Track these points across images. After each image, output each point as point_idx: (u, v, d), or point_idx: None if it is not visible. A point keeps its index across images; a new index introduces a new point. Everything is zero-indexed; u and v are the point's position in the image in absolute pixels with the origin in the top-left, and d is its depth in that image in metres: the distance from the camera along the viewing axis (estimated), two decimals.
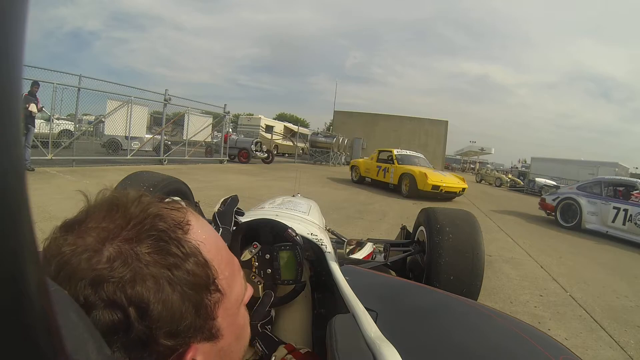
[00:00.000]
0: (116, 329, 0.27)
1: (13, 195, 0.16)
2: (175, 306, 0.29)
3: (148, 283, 0.28)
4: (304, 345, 0.81)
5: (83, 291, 0.27)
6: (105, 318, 0.27)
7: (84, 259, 0.28)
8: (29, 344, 0.16)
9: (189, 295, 0.30)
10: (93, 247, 0.29)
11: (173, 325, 0.29)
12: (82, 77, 7.33)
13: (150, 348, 0.29)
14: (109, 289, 0.27)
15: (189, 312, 0.30)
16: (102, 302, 0.27)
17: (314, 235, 1.13)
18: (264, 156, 13.79)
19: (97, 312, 0.27)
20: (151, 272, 0.29)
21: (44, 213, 3.21)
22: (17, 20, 0.16)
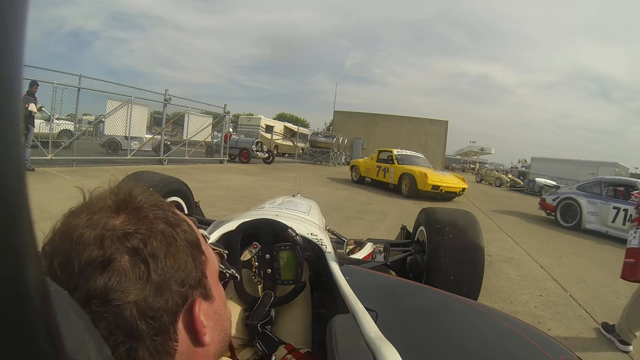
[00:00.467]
0: (137, 276, 0.32)
1: (13, 195, 0.16)
2: (180, 258, 0.35)
3: (159, 237, 0.34)
4: (304, 345, 0.81)
5: (108, 246, 0.31)
6: (127, 265, 0.31)
7: (106, 223, 0.33)
8: (29, 344, 0.16)
9: (188, 249, 0.36)
10: (108, 214, 0.34)
11: (181, 274, 0.35)
12: (82, 77, 7.32)
13: (166, 296, 0.33)
14: (130, 242, 0.32)
15: (190, 264, 0.36)
16: (125, 253, 0.32)
17: (314, 235, 1.13)
18: (265, 156, 13.67)
19: (120, 262, 0.31)
20: (161, 229, 0.35)
21: (44, 213, 3.21)
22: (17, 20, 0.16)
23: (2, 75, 0.15)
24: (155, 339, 0.32)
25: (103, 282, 0.30)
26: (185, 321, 0.35)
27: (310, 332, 0.92)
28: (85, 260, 0.30)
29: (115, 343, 0.30)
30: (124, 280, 0.31)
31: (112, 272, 0.31)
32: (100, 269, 0.30)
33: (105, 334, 0.29)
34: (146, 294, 0.32)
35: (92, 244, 0.31)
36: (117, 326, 0.30)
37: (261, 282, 0.95)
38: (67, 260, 0.31)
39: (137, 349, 0.31)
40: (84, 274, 0.30)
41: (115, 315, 0.30)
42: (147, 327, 0.31)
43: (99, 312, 0.30)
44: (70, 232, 0.32)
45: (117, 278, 0.31)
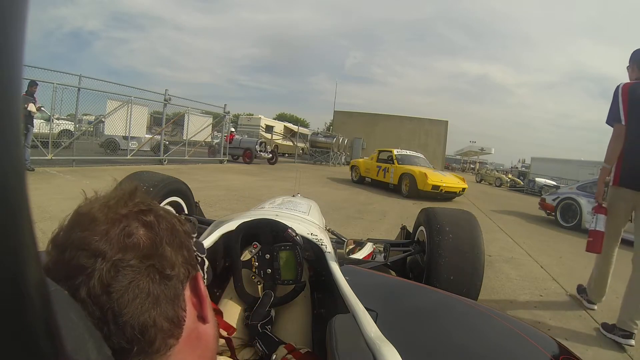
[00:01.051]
0: (154, 244, 0.37)
1: (13, 195, 0.16)
2: (184, 238, 0.41)
3: (165, 223, 0.40)
4: (304, 345, 0.81)
5: (129, 218, 0.37)
6: (146, 235, 0.37)
7: (116, 204, 0.38)
8: (29, 343, 0.16)
9: (183, 236, 0.42)
10: (119, 202, 0.39)
11: (184, 252, 0.40)
12: (82, 77, 7.32)
13: (176, 266, 0.38)
14: (149, 217, 0.38)
15: (188, 245, 0.42)
16: (143, 227, 0.37)
17: (314, 235, 1.13)
18: (269, 157, 13.55)
19: (138, 233, 0.36)
20: (167, 218, 0.40)
21: (44, 213, 3.21)
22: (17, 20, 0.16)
23: (2, 75, 0.15)
24: (168, 305, 0.36)
25: (131, 243, 0.35)
26: (191, 289, 0.40)
27: (310, 332, 0.92)
28: (116, 232, 0.35)
29: (142, 306, 0.34)
30: (145, 240, 0.36)
31: (135, 239, 0.36)
32: (125, 238, 0.35)
33: (132, 295, 0.33)
34: (162, 256, 0.37)
35: (109, 222, 0.35)
36: (140, 289, 0.34)
37: (261, 282, 0.95)
38: (84, 241, 0.34)
39: (155, 317, 0.34)
40: (113, 245, 0.34)
41: (140, 275, 0.34)
42: (163, 287, 0.36)
43: (130, 268, 0.34)
44: (82, 218, 0.36)
45: (143, 238, 0.36)
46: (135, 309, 0.33)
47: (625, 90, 2.24)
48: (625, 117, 2.20)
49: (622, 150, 2.23)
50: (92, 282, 0.32)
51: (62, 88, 6.94)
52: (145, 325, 0.33)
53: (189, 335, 0.38)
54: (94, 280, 0.32)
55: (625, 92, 2.23)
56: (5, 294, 0.16)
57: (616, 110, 2.24)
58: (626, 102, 2.21)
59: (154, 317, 0.34)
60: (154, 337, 0.34)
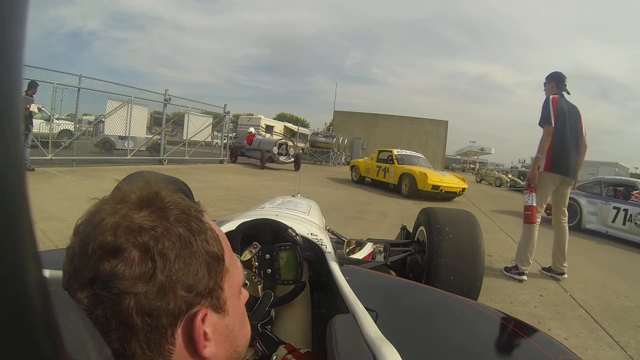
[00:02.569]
0: (142, 272, 0.32)
1: (13, 195, 0.16)
2: (193, 264, 0.35)
3: (174, 239, 0.35)
4: (304, 345, 0.81)
5: (121, 235, 0.33)
6: (134, 260, 0.32)
7: (126, 214, 0.34)
8: (29, 343, 0.16)
9: (204, 258, 0.36)
10: (132, 209, 0.35)
11: (189, 280, 0.35)
12: (82, 77, 7.33)
13: (169, 298, 0.33)
14: (143, 237, 0.33)
15: (203, 273, 0.36)
16: (135, 247, 0.33)
17: (314, 235, 1.13)
18: (290, 161, 11.17)
19: (128, 254, 0.32)
20: (178, 232, 0.35)
21: (44, 213, 3.21)
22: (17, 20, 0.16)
23: (2, 75, 0.15)
24: (149, 337, 0.32)
25: (109, 268, 0.32)
26: (185, 328, 0.35)
27: (310, 332, 0.92)
28: (99, 244, 0.32)
29: (109, 329, 0.31)
30: (128, 271, 0.32)
31: (119, 261, 0.32)
32: (109, 255, 0.32)
33: (101, 317, 0.31)
34: (148, 290, 0.32)
35: (108, 230, 0.33)
36: (114, 313, 0.31)
37: (261, 282, 0.95)
38: (85, 240, 0.33)
39: (130, 340, 0.32)
40: (94, 256, 0.32)
41: (113, 303, 0.31)
42: (142, 323, 0.32)
43: (100, 295, 0.31)
44: (95, 215, 0.35)
45: (122, 267, 0.32)
46: (106, 333, 0.32)
47: (554, 101, 3.04)
48: (554, 120, 3.00)
49: (551, 145, 3.02)
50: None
51: (62, 88, 6.95)
52: (120, 353, 0.32)
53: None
54: None
55: (554, 102, 3.03)
56: (5, 294, 0.16)
57: (548, 115, 3.01)
58: (555, 109, 3.01)
59: (130, 344, 0.33)
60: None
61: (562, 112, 3.03)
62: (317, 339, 0.89)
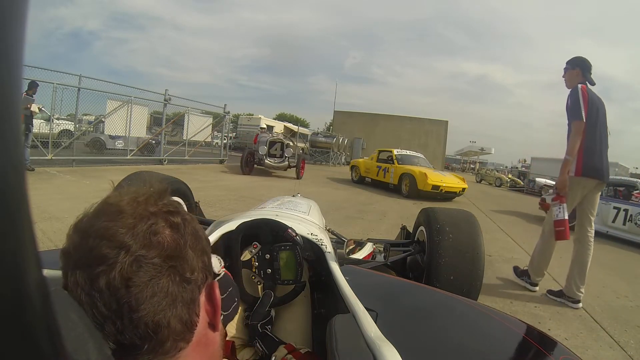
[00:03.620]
0: (171, 253, 0.36)
1: (13, 195, 0.16)
2: (206, 245, 0.42)
3: (190, 228, 0.40)
4: (304, 345, 0.81)
5: (152, 226, 0.36)
6: (169, 234, 0.37)
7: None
8: (29, 343, 0.16)
9: (208, 243, 0.43)
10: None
11: (205, 257, 0.41)
12: (82, 77, 7.33)
13: (197, 273, 0.38)
14: (177, 219, 0.39)
15: (210, 253, 0.43)
16: (162, 231, 0.37)
17: (314, 235, 1.13)
18: (283, 165, 9.09)
19: (163, 229, 0.37)
20: (192, 223, 0.41)
21: (44, 213, 3.21)
22: (17, 20, 0.16)
23: (2, 75, 0.15)
24: (185, 307, 0.36)
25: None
26: (207, 295, 0.41)
27: (310, 332, 0.92)
28: (144, 227, 0.35)
29: (158, 306, 0.34)
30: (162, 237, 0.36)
31: (157, 227, 0.36)
32: (152, 234, 0.35)
33: (155, 291, 0.34)
34: (192, 259, 0.38)
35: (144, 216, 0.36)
36: (159, 288, 0.34)
37: (261, 282, 0.95)
38: (127, 223, 0.35)
39: (170, 318, 0.35)
40: (139, 236, 0.35)
41: (164, 273, 0.35)
42: (183, 291, 0.36)
43: (158, 265, 0.35)
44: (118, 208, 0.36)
45: (156, 231, 0.36)
46: (151, 306, 0.33)
47: (584, 91, 2.50)
48: (585, 114, 2.47)
49: (582, 144, 2.51)
50: (112, 274, 0.32)
51: (62, 88, 6.94)
52: (159, 324, 0.33)
53: (199, 340, 0.38)
54: (115, 271, 0.32)
55: (584, 92, 2.49)
56: (5, 294, 0.16)
57: (577, 108, 2.48)
58: (586, 101, 2.47)
59: (169, 318, 0.34)
60: (166, 338, 0.34)
61: (594, 105, 2.51)
62: (317, 339, 0.89)
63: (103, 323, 0.32)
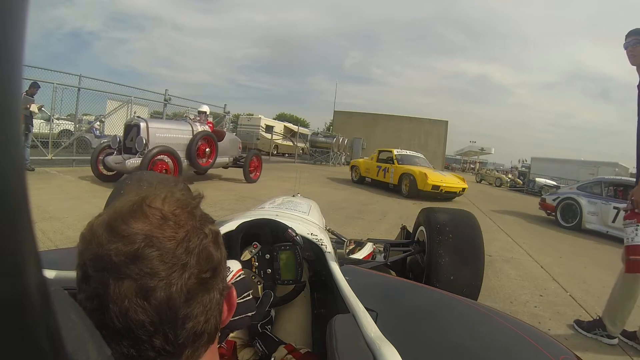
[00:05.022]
0: (215, 266, 0.38)
1: (13, 195, 0.16)
2: (226, 254, 0.42)
3: (219, 239, 0.41)
4: (304, 345, 0.81)
5: (202, 240, 0.37)
6: (212, 254, 0.38)
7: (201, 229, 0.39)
8: (29, 343, 0.16)
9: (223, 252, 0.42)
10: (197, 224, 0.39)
11: (222, 271, 0.40)
12: (82, 77, 7.33)
13: (221, 283, 0.39)
14: (218, 234, 0.41)
15: (224, 261, 0.42)
16: (209, 244, 0.38)
17: (314, 235, 1.13)
18: (132, 165, 4.74)
19: (206, 251, 0.37)
20: (215, 236, 0.40)
21: (44, 213, 3.21)
22: (17, 20, 0.16)
23: (2, 75, 0.15)
24: (218, 315, 0.38)
25: (217, 256, 0.38)
26: (226, 300, 0.42)
27: (310, 332, 0.92)
28: (197, 242, 0.36)
29: (203, 317, 0.35)
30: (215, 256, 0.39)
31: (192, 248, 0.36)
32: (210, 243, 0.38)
33: (206, 304, 0.36)
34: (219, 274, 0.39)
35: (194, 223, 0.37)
36: (208, 301, 0.36)
37: (261, 282, 0.95)
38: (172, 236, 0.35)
39: (208, 326, 0.36)
40: (195, 251, 0.35)
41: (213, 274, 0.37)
42: (220, 302, 0.38)
43: (210, 280, 0.36)
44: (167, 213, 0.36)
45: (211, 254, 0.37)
46: (199, 317, 0.35)
47: None
48: None
49: None
50: (172, 289, 0.33)
51: (62, 88, 6.94)
52: (201, 333, 0.35)
53: (214, 344, 0.40)
54: (175, 287, 0.33)
55: None
56: (5, 294, 0.16)
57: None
58: None
59: (208, 327, 0.36)
60: (202, 344, 0.36)
61: None
62: (317, 339, 0.89)
63: (153, 334, 0.32)
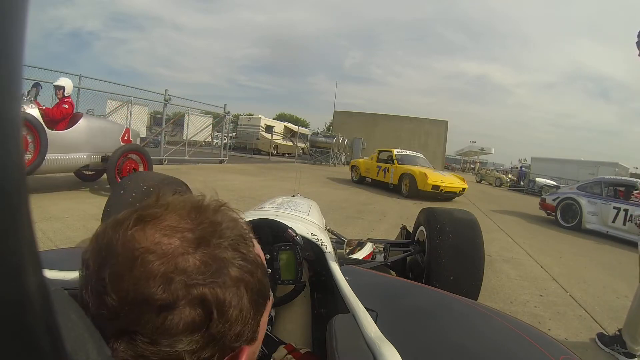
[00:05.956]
0: (196, 328, 0.29)
1: (13, 195, 0.16)
2: (247, 311, 0.32)
3: (231, 288, 0.31)
4: (304, 345, 0.81)
5: (175, 292, 0.28)
6: (188, 317, 0.29)
7: (174, 260, 0.29)
8: (29, 344, 0.16)
9: (255, 301, 0.34)
10: (182, 250, 0.30)
11: (242, 327, 0.32)
12: (82, 77, 7.33)
13: (217, 347, 0.31)
14: (200, 291, 0.29)
15: (252, 317, 0.33)
16: (190, 303, 0.29)
17: (314, 235, 1.13)
18: None
19: (180, 312, 0.29)
20: (234, 278, 0.32)
21: (44, 213, 3.21)
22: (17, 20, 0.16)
23: (2, 75, 0.15)
24: None
25: (158, 324, 0.28)
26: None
27: (310, 332, 0.92)
28: (147, 295, 0.28)
29: None
30: (179, 328, 0.28)
31: (171, 317, 0.28)
32: (157, 310, 0.28)
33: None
34: (198, 344, 0.29)
35: (157, 281, 0.28)
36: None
37: None
38: (122, 279, 0.29)
39: None
40: (136, 308, 0.28)
41: (159, 356, 0.28)
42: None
43: (143, 348, 0.28)
44: (135, 251, 0.29)
45: (173, 324, 0.28)
46: None
47: None
48: None
49: None
50: None
51: None
52: None
53: None
54: None
55: None
56: (5, 294, 0.16)
57: None
58: None
59: None
60: None
61: None
62: (317, 339, 0.89)
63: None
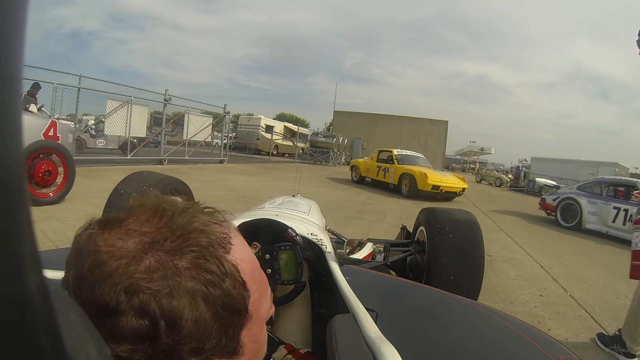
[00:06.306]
0: (142, 337, 0.28)
1: (13, 195, 0.16)
2: (206, 325, 0.29)
3: (184, 299, 0.28)
4: (303, 345, 0.81)
5: (116, 296, 0.27)
6: (133, 325, 0.27)
7: (123, 264, 0.28)
8: (29, 344, 0.16)
9: (220, 315, 0.30)
10: (134, 254, 0.29)
11: (200, 342, 0.29)
12: (82, 77, 7.33)
13: None
14: (143, 299, 0.27)
15: (217, 331, 0.30)
16: (134, 311, 0.27)
17: (314, 235, 1.13)
18: None
19: (126, 318, 0.27)
20: (188, 288, 0.29)
21: (44, 213, 3.21)
22: (17, 20, 0.16)
23: (2, 75, 0.15)
24: None
25: (106, 328, 0.27)
26: None
27: (310, 332, 0.92)
28: (96, 298, 0.28)
29: None
30: (125, 335, 0.28)
31: (116, 324, 0.27)
32: (105, 314, 0.28)
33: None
34: (148, 355, 0.28)
35: (106, 284, 0.28)
36: None
37: None
38: (81, 281, 0.29)
39: None
40: (91, 310, 0.27)
41: None
42: None
43: None
44: (91, 254, 0.29)
45: (119, 331, 0.27)
46: None
47: None
48: None
49: None
50: None
51: (62, 88, 6.95)
52: None
53: None
54: None
55: None
56: (5, 294, 0.16)
57: None
58: None
59: None
60: None
61: None
62: (317, 339, 0.89)
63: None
